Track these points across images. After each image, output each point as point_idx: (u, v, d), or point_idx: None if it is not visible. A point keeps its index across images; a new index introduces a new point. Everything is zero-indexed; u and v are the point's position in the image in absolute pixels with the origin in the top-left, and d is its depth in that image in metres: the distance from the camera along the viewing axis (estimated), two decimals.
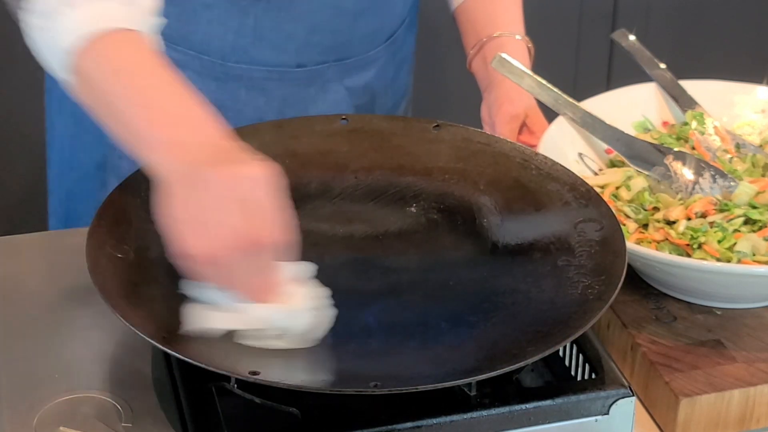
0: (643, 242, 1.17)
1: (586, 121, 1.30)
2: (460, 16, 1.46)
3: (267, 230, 0.95)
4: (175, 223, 0.96)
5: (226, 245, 0.94)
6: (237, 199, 0.94)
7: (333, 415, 0.95)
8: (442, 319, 1.02)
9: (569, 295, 1.01)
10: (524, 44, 1.40)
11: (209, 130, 1.00)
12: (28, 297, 1.12)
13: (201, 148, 0.98)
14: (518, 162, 1.17)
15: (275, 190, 0.96)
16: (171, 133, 0.99)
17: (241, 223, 0.94)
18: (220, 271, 0.96)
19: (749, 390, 1.07)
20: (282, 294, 0.98)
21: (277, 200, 0.96)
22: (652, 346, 1.10)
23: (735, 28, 2.75)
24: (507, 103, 1.35)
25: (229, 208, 0.94)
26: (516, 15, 1.43)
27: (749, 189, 1.22)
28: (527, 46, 1.40)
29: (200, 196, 0.95)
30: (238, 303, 0.97)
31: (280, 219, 0.96)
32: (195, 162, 0.96)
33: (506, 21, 1.42)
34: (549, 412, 0.97)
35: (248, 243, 0.94)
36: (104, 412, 0.99)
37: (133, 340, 1.00)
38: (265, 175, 0.96)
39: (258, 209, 0.95)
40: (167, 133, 0.99)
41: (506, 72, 1.31)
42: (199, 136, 0.99)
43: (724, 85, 1.39)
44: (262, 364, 0.93)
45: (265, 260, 0.96)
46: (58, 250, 1.19)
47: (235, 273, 0.96)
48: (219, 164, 0.96)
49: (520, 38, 1.40)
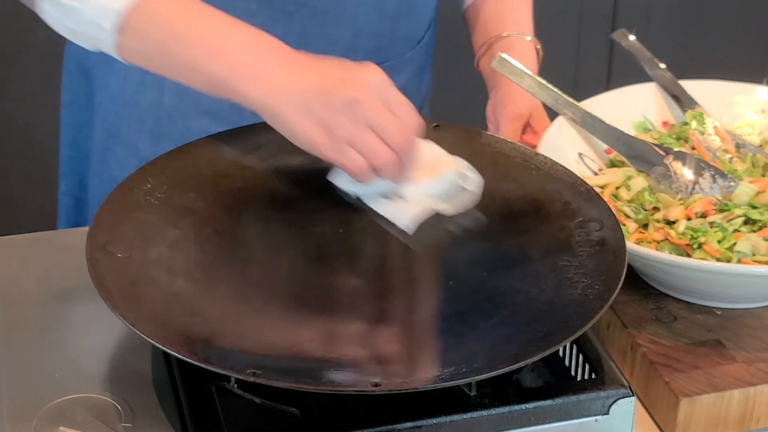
0: (643, 242, 1.17)
1: (586, 121, 1.30)
2: (470, 16, 1.46)
3: (409, 124, 1.06)
4: (331, 154, 1.05)
5: (387, 156, 1.05)
6: (373, 111, 1.03)
7: (333, 415, 0.95)
8: (442, 319, 1.02)
9: (569, 295, 1.01)
10: (532, 45, 1.40)
11: (287, 53, 1.08)
12: (28, 297, 1.12)
13: (292, 74, 1.06)
14: (518, 162, 1.17)
15: (390, 83, 1.06)
16: (254, 67, 1.07)
17: (389, 132, 1.05)
18: (389, 175, 1.08)
19: (749, 390, 1.07)
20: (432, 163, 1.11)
21: (396, 91, 1.07)
22: (652, 346, 1.10)
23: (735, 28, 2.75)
24: (511, 103, 1.35)
25: (372, 124, 1.04)
26: (525, 16, 1.43)
27: (749, 189, 1.22)
28: (536, 48, 1.40)
29: (339, 122, 1.04)
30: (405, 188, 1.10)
31: (410, 107, 1.07)
32: (307, 90, 1.05)
33: (515, 21, 1.42)
34: (549, 412, 0.97)
35: (403, 145, 1.06)
36: (104, 412, 0.99)
37: (133, 340, 1.00)
38: (378, 76, 1.06)
39: (394, 110, 1.05)
40: (251, 68, 1.07)
41: (506, 72, 1.31)
42: (280, 60, 1.07)
43: (724, 85, 1.39)
44: (262, 364, 0.93)
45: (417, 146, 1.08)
46: (58, 250, 1.19)
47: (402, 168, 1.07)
48: (336, 86, 1.04)
49: (529, 39, 1.40)
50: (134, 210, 1.08)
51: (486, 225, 1.12)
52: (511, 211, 1.13)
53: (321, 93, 1.05)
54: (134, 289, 1.00)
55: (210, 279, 1.03)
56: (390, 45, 1.38)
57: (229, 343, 0.97)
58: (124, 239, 1.04)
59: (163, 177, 1.12)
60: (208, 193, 1.12)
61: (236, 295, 1.02)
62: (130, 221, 1.06)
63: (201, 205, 1.10)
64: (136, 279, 1.01)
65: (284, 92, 1.06)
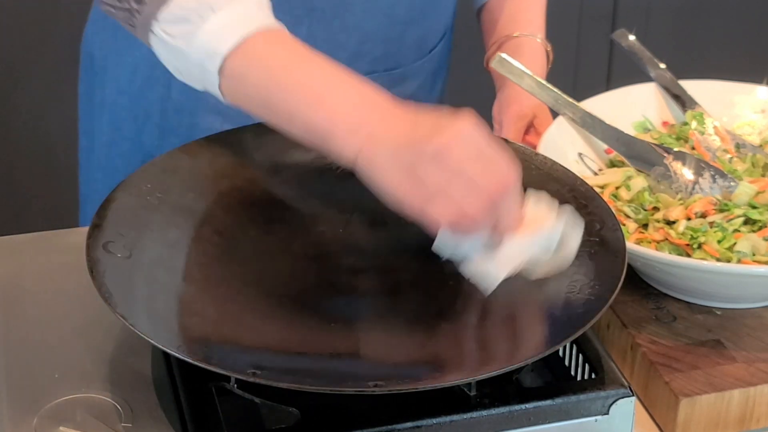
0: (643, 242, 1.17)
1: (586, 121, 1.30)
2: (482, 16, 1.46)
3: (504, 173, 1.00)
4: (421, 205, 1.00)
5: (478, 205, 0.99)
6: (464, 159, 0.99)
7: (333, 415, 0.95)
8: (442, 319, 1.02)
9: (569, 295, 1.01)
10: (542, 47, 1.40)
11: (386, 104, 1.04)
12: (28, 297, 1.12)
13: (388, 124, 1.02)
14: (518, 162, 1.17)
15: (484, 131, 1.01)
16: (353, 119, 1.03)
17: (481, 180, 0.99)
18: (481, 226, 1.01)
19: (749, 390, 1.07)
20: (532, 221, 1.04)
21: (491, 139, 1.01)
22: (652, 346, 1.10)
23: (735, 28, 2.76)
24: (515, 103, 1.35)
25: (463, 171, 0.99)
26: (537, 17, 1.43)
27: (749, 189, 1.22)
28: (546, 50, 1.40)
29: (429, 171, 0.99)
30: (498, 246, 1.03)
31: (505, 156, 1.01)
32: (399, 140, 1.00)
33: (527, 21, 1.42)
34: (549, 412, 0.97)
35: (496, 194, 0.99)
36: (104, 412, 0.99)
37: (133, 340, 1.00)
38: (471, 124, 1.00)
39: (487, 158, 1.00)
40: (350, 120, 1.03)
41: (506, 72, 1.31)
42: (378, 112, 1.03)
43: (724, 85, 1.39)
44: (262, 364, 0.93)
45: (513, 198, 1.02)
46: (58, 250, 1.19)
47: (495, 221, 1.01)
48: (427, 135, 1.00)
49: (539, 41, 1.40)
50: (134, 210, 1.08)
51: None
52: None
53: (412, 142, 1.00)
54: (134, 289, 1.00)
55: (210, 279, 1.03)
56: (399, 52, 1.37)
57: (229, 343, 0.97)
58: (124, 239, 1.04)
59: (163, 177, 1.12)
60: (208, 193, 1.12)
61: (236, 295, 1.02)
62: (130, 221, 1.06)
63: (201, 205, 1.10)
64: (136, 279, 1.01)
65: (377, 143, 1.02)
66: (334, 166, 1.17)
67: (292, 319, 1.01)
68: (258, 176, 1.14)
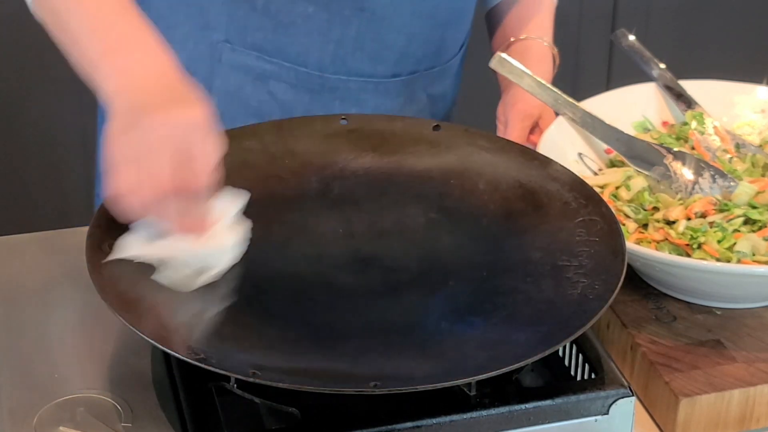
0: (642, 242, 1.17)
1: (586, 121, 1.30)
2: (491, 18, 1.47)
3: (194, 177, 0.99)
4: (112, 160, 1.00)
5: (155, 187, 0.98)
6: (171, 145, 0.99)
7: (333, 415, 0.95)
8: (442, 319, 1.02)
9: (569, 295, 1.01)
10: (549, 50, 1.40)
11: (159, 59, 1.04)
12: (28, 297, 1.12)
13: (148, 81, 1.02)
14: (518, 162, 1.17)
15: (209, 133, 1.00)
16: (122, 61, 1.04)
17: (171, 169, 0.98)
18: (148, 210, 1.00)
19: (749, 390, 1.07)
20: (208, 233, 1.02)
21: (210, 144, 1.00)
22: (652, 346, 1.10)
23: (735, 28, 2.75)
24: (521, 102, 1.35)
25: (161, 153, 0.98)
26: (546, 21, 1.44)
27: (749, 189, 1.22)
28: (552, 53, 1.41)
29: (138, 137, 0.99)
30: (163, 237, 1.01)
31: (209, 164, 1.00)
32: (139, 101, 1.01)
33: (535, 25, 1.42)
34: (549, 412, 0.97)
35: (177, 188, 0.99)
36: (104, 412, 0.99)
37: (133, 340, 1.00)
38: (200, 118, 1.00)
39: (190, 156, 0.99)
40: (119, 61, 1.04)
41: (506, 72, 1.31)
42: (148, 65, 1.04)
43: (724, 85, 1.39)
44: (262, 364, 0.93)
45: (193, 203, 1.00)
46: (58, 250, 1.19)
47: (164, 213, 1.00)
48: (159, 107, 1.00)
49: (546, 44, 1.41)
50: None
51: (486, 225, 1.12)
52: (511, 211, 1.13)
53: (147, 104, 1.01)
54: (134, 289, 1.00)
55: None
56: (438, 52, 1.38)
57: (229, 343, 0.97)
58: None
59: None
60: None
61: (236, 296, 1.02)
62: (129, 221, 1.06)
63: None
64: (136, 279, 1.01)
65: (127, 92, 1.03)
66: (335, 165, 1.17)
67: (292, 319, 1.01)
68: (258, 176, 1.14)
